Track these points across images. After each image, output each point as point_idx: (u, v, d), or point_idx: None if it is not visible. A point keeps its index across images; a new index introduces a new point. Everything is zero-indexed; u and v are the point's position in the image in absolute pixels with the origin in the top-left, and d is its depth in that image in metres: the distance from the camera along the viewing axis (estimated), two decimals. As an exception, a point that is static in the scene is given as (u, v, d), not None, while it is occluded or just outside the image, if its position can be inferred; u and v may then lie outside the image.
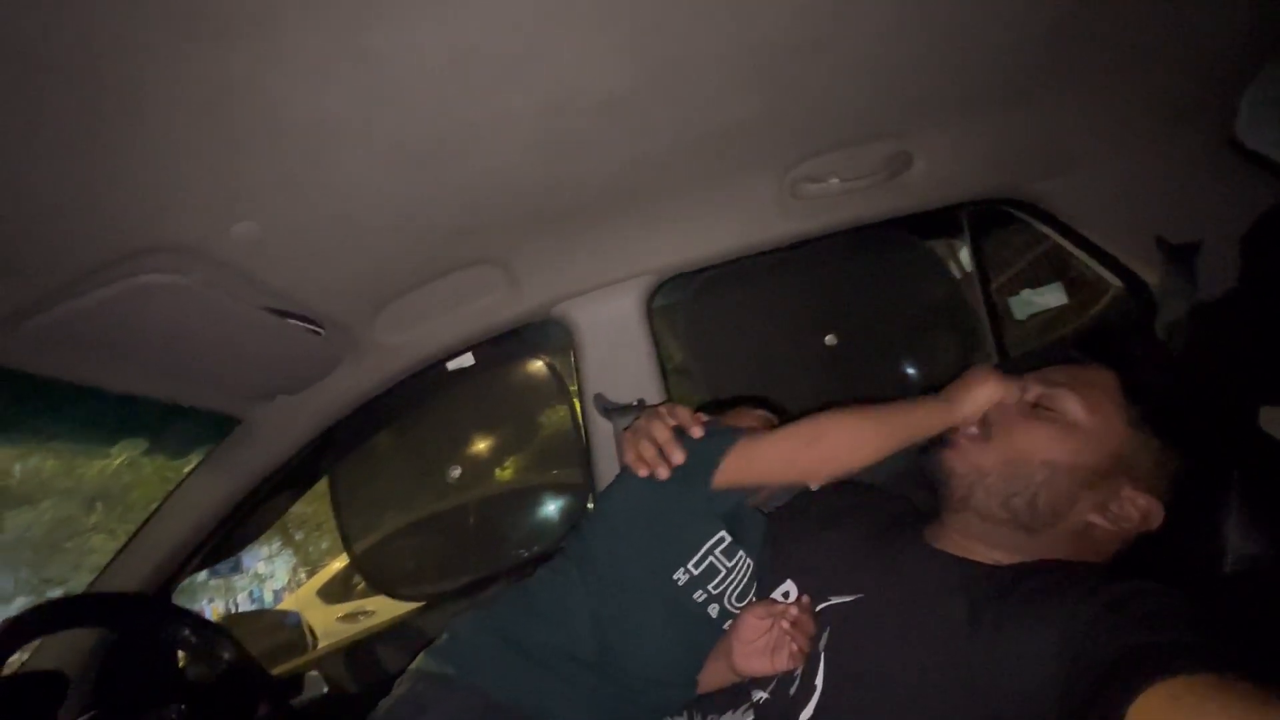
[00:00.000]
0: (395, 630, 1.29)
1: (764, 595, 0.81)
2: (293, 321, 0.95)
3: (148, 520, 1.21)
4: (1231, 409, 0.85)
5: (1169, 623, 0.55)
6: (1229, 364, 0.95)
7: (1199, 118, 1.06)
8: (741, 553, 0.80)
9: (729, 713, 0.74)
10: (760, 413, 1.01)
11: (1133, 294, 1.15)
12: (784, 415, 1.03)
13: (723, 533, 0.79)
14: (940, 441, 0.76)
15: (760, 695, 0.73)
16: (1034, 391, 0.75)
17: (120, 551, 1.19)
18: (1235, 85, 1.02)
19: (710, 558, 0.78)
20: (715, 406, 1.05)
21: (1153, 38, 0.89)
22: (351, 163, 0.72)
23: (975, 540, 0.74)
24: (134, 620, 0.96)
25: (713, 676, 0.79)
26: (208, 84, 0.57)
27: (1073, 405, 0.72)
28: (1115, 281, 1.18)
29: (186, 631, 0.92)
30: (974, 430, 0.75)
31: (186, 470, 1.23)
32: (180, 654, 0.96)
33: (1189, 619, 0.56)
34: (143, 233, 0.71)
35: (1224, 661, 0.49)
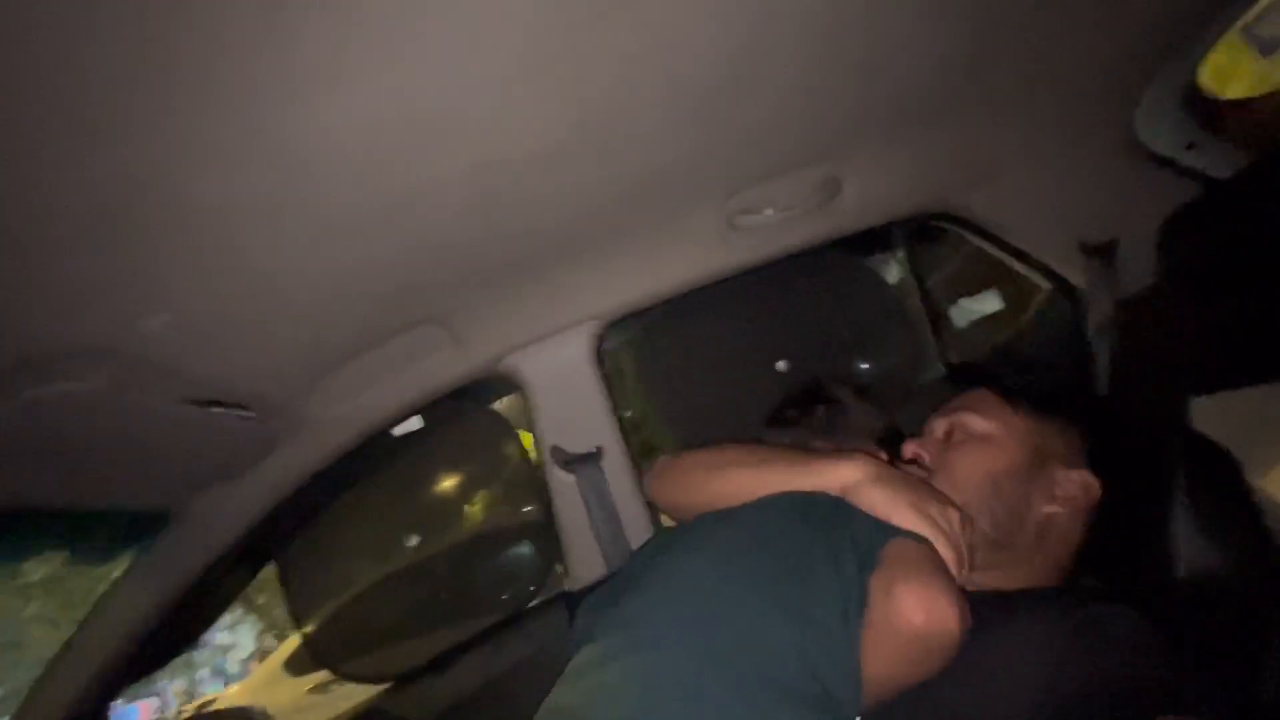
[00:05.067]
0: (361, 716, 1.22)
1: None
2: (219, 409, 0.89)
3: (82, 626, 1.11)
4: (1167, 407, 0.88)
5: (1138, 654, 0.57)
6: (1159, 359, 0.99)
7: (1104, 124, 1.11)
8: None
9: None
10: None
11: (1063, 294, 1.20)
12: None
13: None
14: None
15: None
16: (941, 425, 0.82)
17: (54, 661, 1.10)
18: (1133, 93, 1.07)
19: None
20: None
21: (1053, 54, 0.93)
22: (269, 242, 0.69)
23: None
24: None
25: None
26: (105, 182, 0.54)
27: (975, 421, 0.80)
28: (1046, 284, 1.22)
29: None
30: (916, 473, 0.79)
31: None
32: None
33: (1153, 648, 0.57)
34: (40, 339, 0.66)
35: (1197, 701, 0.50)
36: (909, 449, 0.83)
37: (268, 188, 0.61)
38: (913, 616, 0.58)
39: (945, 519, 0.66)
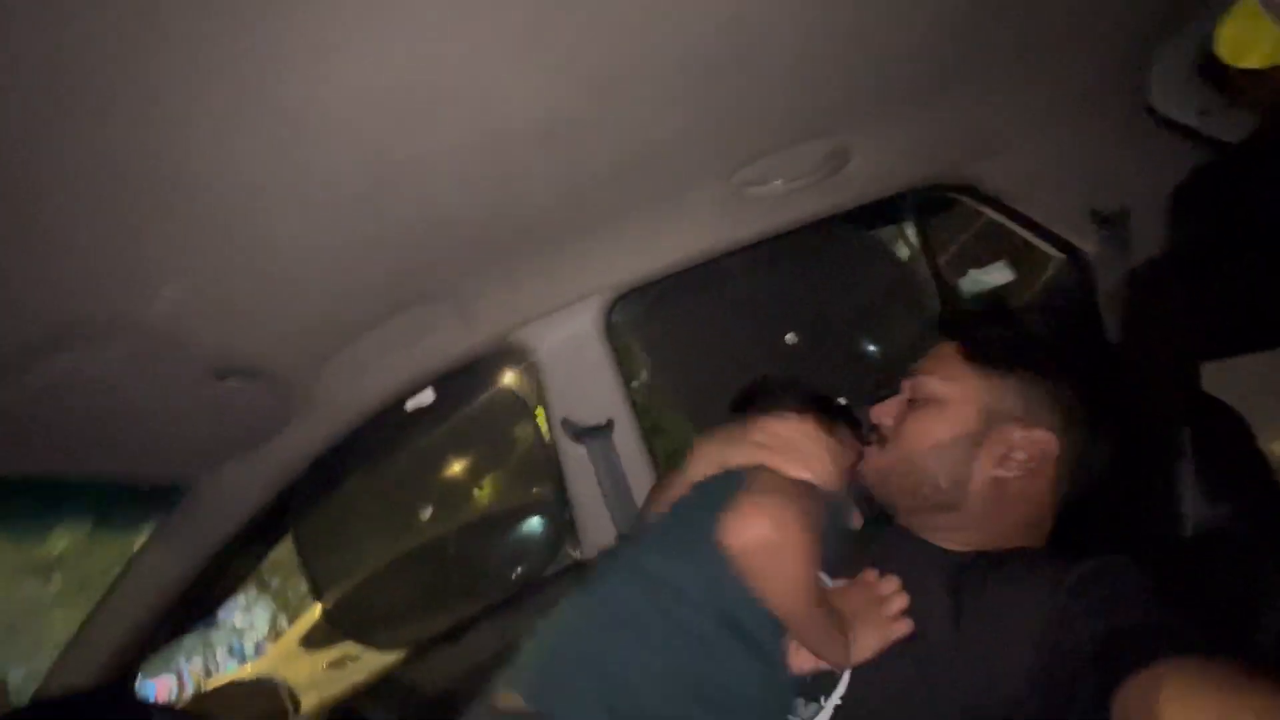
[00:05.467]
0: (379, 684, 1.25)
1: None
2: (233, 383, 0.90)
3: (101, 601, 1.14)
4: (1176, 371, 0.88)
5: (1135, 602, 0.57)
6: (1169, 326, 0.99)
7: (1116, 90, 1.09)
8: None
9: None
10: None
11: (1074, 265, 1.19)
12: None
13: None
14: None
15: None
16: (906, 386, 0.82)
17: (75, 637, 1.13)
18: (1146, 56, 1.06)
19: None
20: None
21: (1064, 19, 0.92)
22: (276, 214, 0.69)
23: (929, 531, 0.77)
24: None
25: None
26: (111, 155, 0.54)
27: (932, 384, 0.78)
28: (1057, 254, 1.21)
29: (153, 722, 0.87)
30: (874, 440, 0.82)
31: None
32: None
33: (1151, 595, 0.58)
34: (55, 313, 0.67)
35: (1197, 642, 0.50)
36: (874, 412, 0.84)
37: (272, 158, 0.61)
38: (724, 538, 0.63)
39: (765, 433, 0.73)
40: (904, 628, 0.66)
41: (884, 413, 0.83)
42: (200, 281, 0.73)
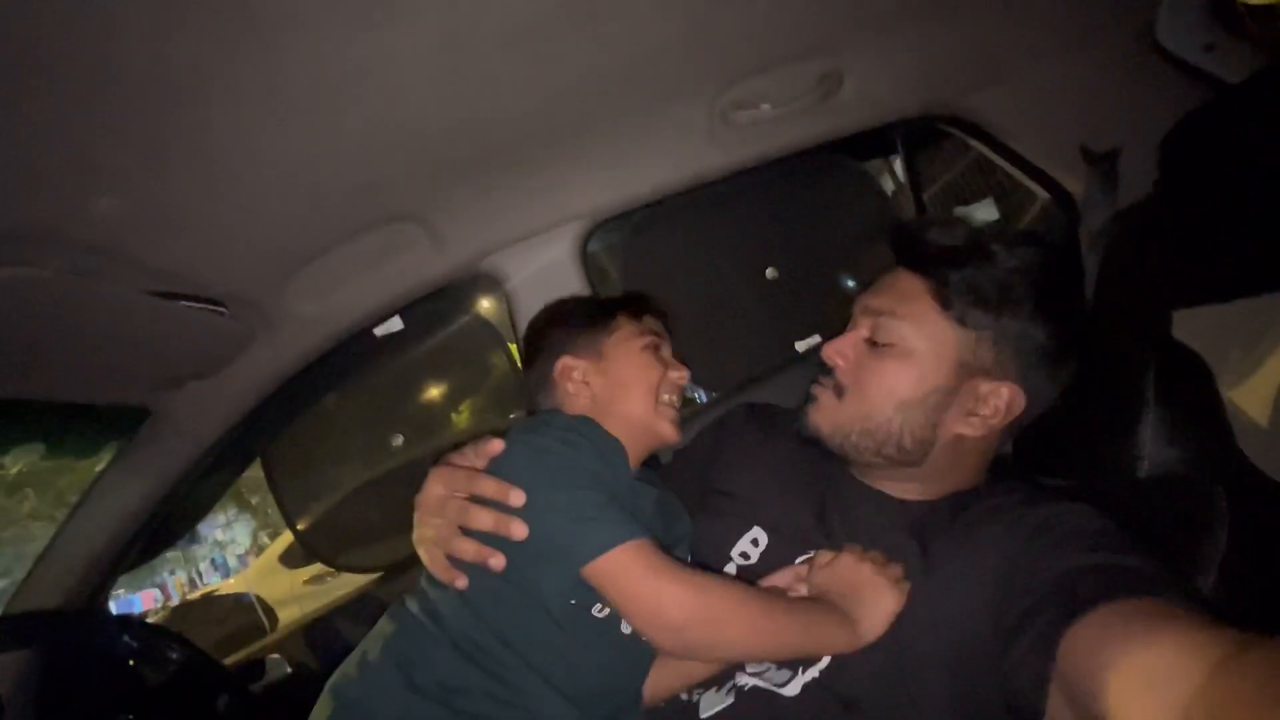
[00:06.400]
0: (355, 602, 1.28)
1: (725, 544, 0.78)
2: (187, 303, 0.86)
3: (64, 524, 1.12)
4: (1147, 315, 0.88)
5: (1093, 545, 0.58)
6: (1145, 270, 0.98)
7: (1122, 20, 1.04)
8: None
9: (711, 691, 0.70)
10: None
11: (1059, 205, 1.17)
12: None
13: None
14: (807, 400, 0.77)
15: (747, 681, 0.68)
16: (866, 325, 0.73)
17: (41, 559, 1.12)
18: (1154, -13, 1.00)
19: None
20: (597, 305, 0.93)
21: None
22: (221, 118, 0.63)
23: (884, 482, 0.76)
24: (62, 636, 0.90)
25: (666, 680, 0.72)
26: (34, 46, 0.48)
27: (901, 329, 0.70)
28: (1044, 193, 1.19)
29: (126, 637, 0.88)
30: (829, 384, 0.74)
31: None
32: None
33: (1109, 538, 0.59)
34: None
35: (1149, 584, 0.52)
36: (828, 351, 0.75)
37: (213, 52, 0.55)
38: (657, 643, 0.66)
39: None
40: (907, 588, 0.64)
41: (839, 352, 0.73)
42: (140, 192, 0.67)
